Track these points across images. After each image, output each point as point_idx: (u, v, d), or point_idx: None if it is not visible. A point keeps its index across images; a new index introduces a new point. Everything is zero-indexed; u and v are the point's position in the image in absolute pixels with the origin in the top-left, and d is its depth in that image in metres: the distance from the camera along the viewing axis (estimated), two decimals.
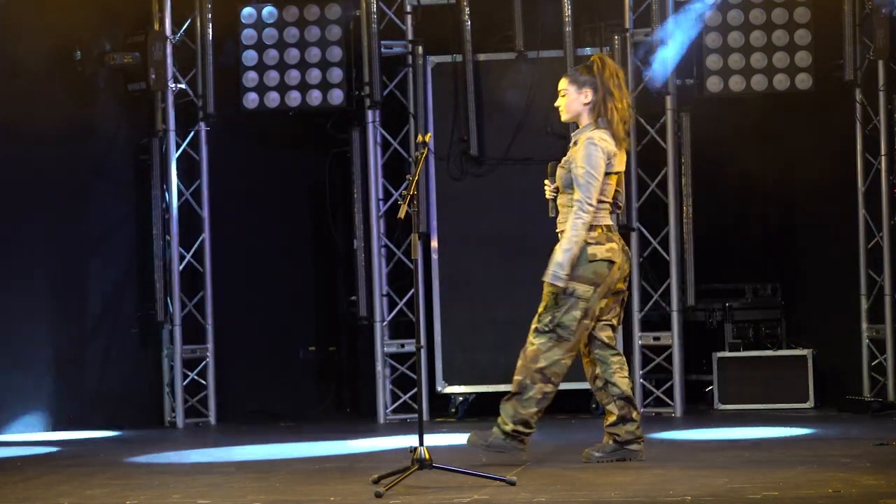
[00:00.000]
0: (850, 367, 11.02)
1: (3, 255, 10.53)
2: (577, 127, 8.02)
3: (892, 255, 10.78)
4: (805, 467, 7.65)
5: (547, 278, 7.88)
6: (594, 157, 7.82)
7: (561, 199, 7.99)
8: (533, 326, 7.99)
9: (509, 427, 7.97)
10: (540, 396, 7.97)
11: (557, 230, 8.01)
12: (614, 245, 7.92)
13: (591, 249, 7.85)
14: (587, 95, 7.94)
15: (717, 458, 8.22)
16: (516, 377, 7.99)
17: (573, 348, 7.99)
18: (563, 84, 8.01)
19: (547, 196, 8.04)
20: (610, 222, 7.97)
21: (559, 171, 7.99)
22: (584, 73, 7.98)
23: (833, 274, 11.19)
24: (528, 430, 8.02)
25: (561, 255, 7.84)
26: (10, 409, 10.41)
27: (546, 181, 8.05)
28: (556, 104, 8.04)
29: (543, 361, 7.94)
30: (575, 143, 7.99)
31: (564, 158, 8.01)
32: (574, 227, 7.81)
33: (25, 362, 10.57)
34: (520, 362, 7.99)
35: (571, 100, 7.97)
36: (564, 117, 8.05)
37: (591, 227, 7.87)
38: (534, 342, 7.95)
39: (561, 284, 7.84)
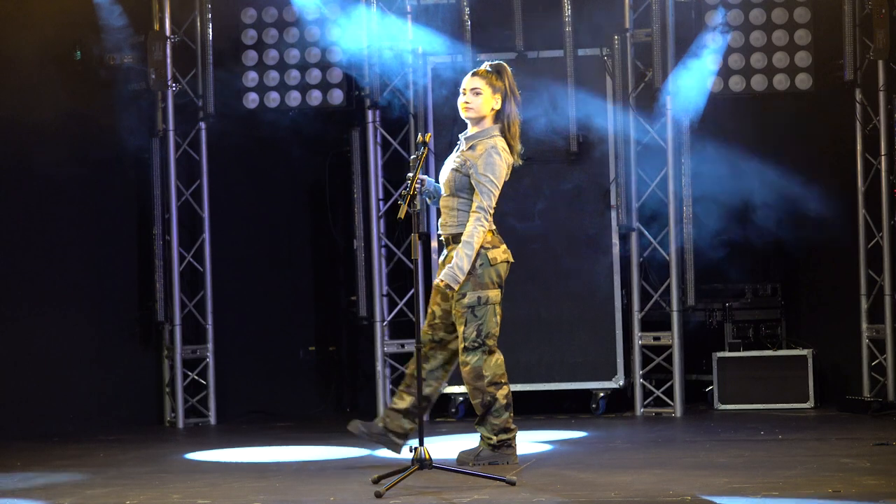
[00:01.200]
0: (850, 367, 11.02)
1: (2, 256, 10.53)
2: (466, 127, 8.06)
3: (892, 255, 10.78)
4: (805, 467, 7.66)
5: (444, 279, 7.86)
6: (498, 167, 7.91)
7: (448, 202, 8.02)
8: (461, 347, 7.99)
9: (494, 440, 8.02)
10: (505, 402, 8.02)
11: (440, 233, 8.05)
12: (504, 245, 8.06)
13: (490, 254, 7.95)
14: (497, 101, 8.04)
15: (717, 458, 8.23)
16: (474, 401, 8.02)
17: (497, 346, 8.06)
18: (479, 83, 8.02)
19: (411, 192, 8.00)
20: (494, 226, 8.06)
21: (451, 174, 7.99)
22: (496, 79, 8.02)
23: (833, 274, 11.19)
24: (511, 434, 8.07)
25: (465, 260, 7.86)
26: (10, 408, 10.40)
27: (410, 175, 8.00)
28: (465, 100, 8.02)
29: (488, 373, 7.98)
30: (472, 148, 7.99)
31: (456, 160, 8.00)
32: (476, 233, 7.88)
33: (26, 362, 10.57)
34: (467, 388, 8.02)
35: (485, 101, 8.01)
36: (471, 114, 8.03)
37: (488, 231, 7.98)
38: (468, 361, 7.97)
39: (454, 286, 7.85)
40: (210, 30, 11.24)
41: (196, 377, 11.36)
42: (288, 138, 11.70)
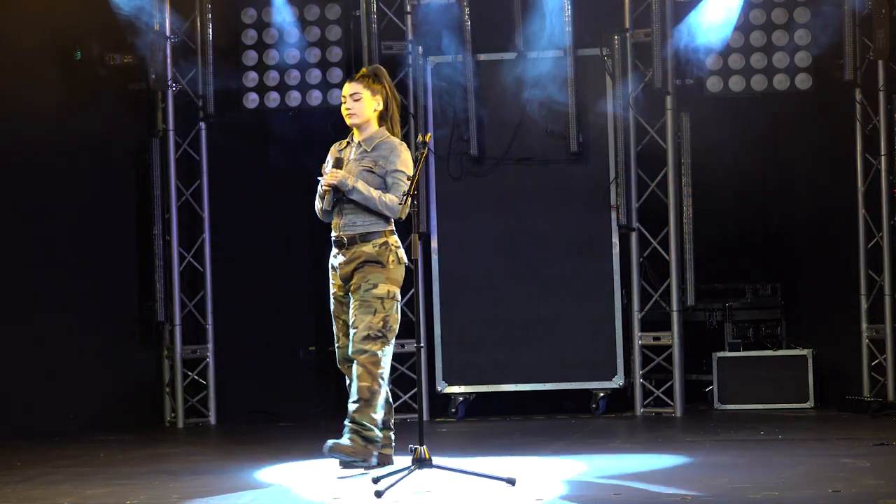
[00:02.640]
0: (850, 367, 11.02)
1: (3, 256, 10.53)
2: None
3: (892, 255, 10.78)
4: (805, 467, 7.66)
5: (352, 183, 7.91)
6: (409, 164, 8.01)
7: (356, 203, 8.00)
8: (363, 335, 7.89)
9: (376, 433, 7.93)
10: (386, 396, 8.02)
11: (342, 234, 8.01)
12: (402, 249, 8.10)
13: (400, 253, 8.02)
14: (379, 103, 8.07)
15: (717, 458, 8.23)
16: (362, 384, 7.91)
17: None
18: (357, 87, 8.06)
19: (325, 185, 8.00)
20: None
21: (366, 175, 7.99)
22: (373, 82, 8.05)
23: (833, 274, 11.20)
24: (388, 431, 8.05)
25: (372, 196, 7.89)
26: (11, 408, 10.40)
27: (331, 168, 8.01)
28: (347, 107, 8.05)
29: (384, 364, 7.97)
30: (375, 149, 7.99)
31: (364, 163, 7.98)
32: (386, 203, 7.88)
33: (25, 362, 10.57)
34: (360, 370, 7.91)
35: (367, 105, 8.05)
36: (355, 121, 8.06)
37: (394, 232, 8.00)
38: (368, 349, 7.90)
39: (349, 186, 7.91)
40: (210, 30, 11.24)
41: (196, 377, 11.37)
42: (288, 138, 11.70)
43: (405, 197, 7.71)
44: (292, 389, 11.80)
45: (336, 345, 8.20)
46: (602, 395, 10.95)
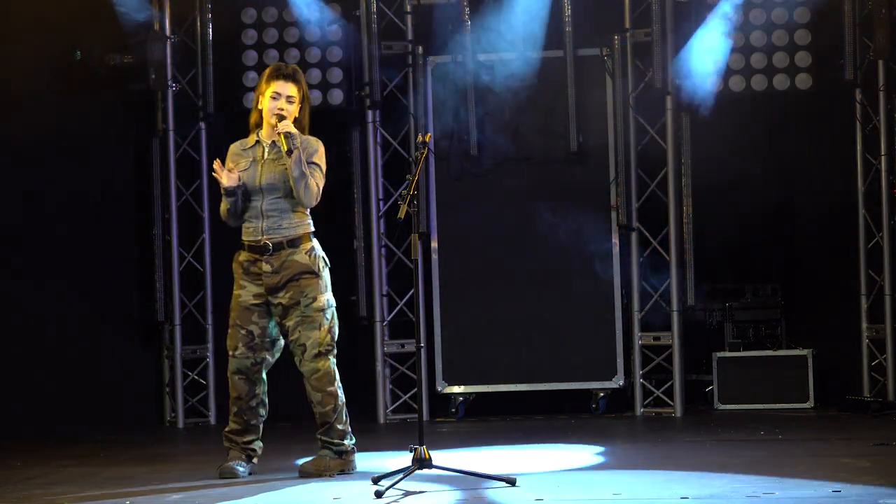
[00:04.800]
0: (850, 367, 11.02)
1: (3, 255, 10.53)
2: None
3: (892, 255, 10.78)
4: (805, 467, 7.66)
5: (288, 134, 7.78)
6: (325, 161, 7.94)
7: (281, 204, 7.93)
8: (313, 352, 7.86)
9: (346, 445, 7.91)
10: (343, 404, 7.97)
11: (268, 238, 7.94)
12: None
13: (322, 254, 7.96)
14: (303, 109, 7.98)
15: (717, 458, 8.23)
16: (325, 409, 7.87)
17: None
18: (294, 91, 7.92)
19: (281, 130, 7.83)
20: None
21: (276, 178, 7.88)
22: (305, 85, 7.98)
23: (833, 274, 11.19)
24: (353, 440, 7.98)
25: (302, 167, 7.77)
26: (10, 408, 10.41)
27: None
28: (280, 107, 7.88)
29: (337, 377, 7.92)
30: (289, 152, 7.81)
31: (279, 159, 7.87)
32: (310, 185, 7.78)
33: (26, 361, 10.57)
34: (318, 396, 7.88)
35: (296, 108, 7.93)
36: (284, 122, 7.87)
37: (313, 236, 7.93)
38: (321, 367, 7.87)
39: (291, 145, 7.77)
40: (210, 30, 11.25)
41: (196, 377, 11.37)
42: None
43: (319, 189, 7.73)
44: (292, 389, 11.77)
45: (233, 353, 8.03)
46: (602, 395, 10.95)
